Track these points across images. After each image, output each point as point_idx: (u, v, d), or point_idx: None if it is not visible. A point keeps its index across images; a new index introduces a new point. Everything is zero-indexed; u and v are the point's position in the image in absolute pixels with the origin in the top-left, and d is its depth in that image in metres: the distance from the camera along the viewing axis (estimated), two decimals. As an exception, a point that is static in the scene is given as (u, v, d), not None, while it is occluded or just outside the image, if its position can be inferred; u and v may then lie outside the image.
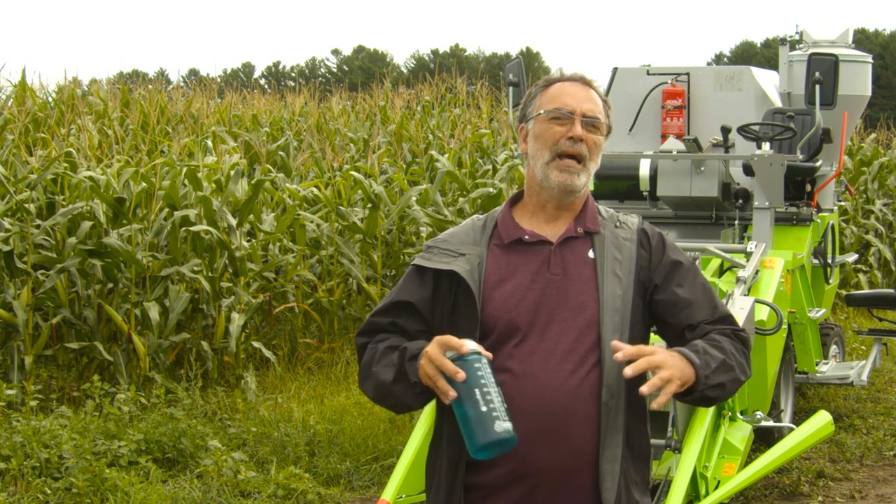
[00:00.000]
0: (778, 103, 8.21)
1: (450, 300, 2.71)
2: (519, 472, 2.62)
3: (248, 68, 54.96)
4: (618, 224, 2.79)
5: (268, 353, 8.28)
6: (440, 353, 2.51)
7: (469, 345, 2.49)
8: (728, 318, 2.78)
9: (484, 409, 2.42)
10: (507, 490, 2.63)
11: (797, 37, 8.64)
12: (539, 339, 2.64)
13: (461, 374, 2.46)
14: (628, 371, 2.50)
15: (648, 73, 8.15)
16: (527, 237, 2.74)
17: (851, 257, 10.22)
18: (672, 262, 2.77)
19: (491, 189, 10.43)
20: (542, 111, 2.74)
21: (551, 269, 2.70)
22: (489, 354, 2.53)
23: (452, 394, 2.47)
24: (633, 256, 2.74)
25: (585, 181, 2.73)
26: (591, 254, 2.72)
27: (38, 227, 7.96)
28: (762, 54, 47.91)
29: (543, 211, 2.77)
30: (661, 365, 2.52)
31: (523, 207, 2.81)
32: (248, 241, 8.94)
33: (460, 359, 2.48)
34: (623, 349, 2.52)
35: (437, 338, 2.54)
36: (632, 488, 2.68)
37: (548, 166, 2.71)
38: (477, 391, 2.45)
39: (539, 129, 2.74)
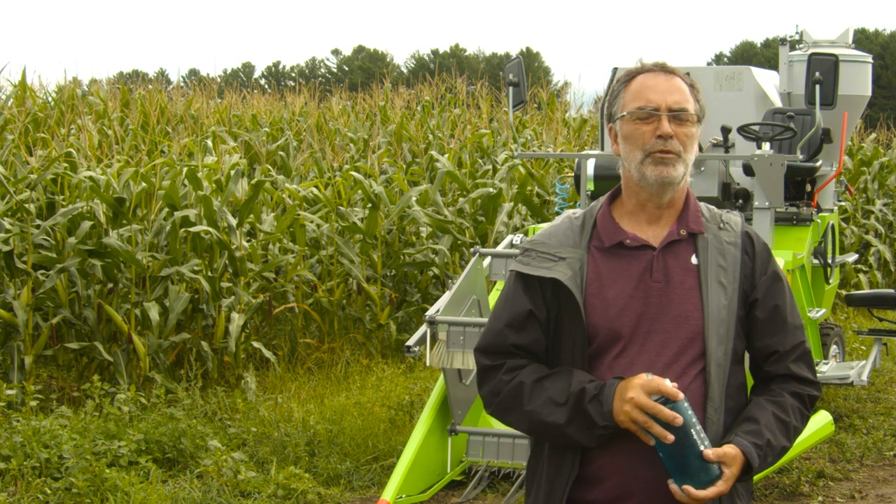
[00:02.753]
0: (778, 103, 8.22)
1: (554, 308, 2.63)
2: (623, 488, 2.58)
3: (248, 68, 55.01)
4: (721, 225, 2.68)
5: (268, 354, 8.28)
6: (646, 397, 2.47)
7: (677, 390, 2.49)
8: (805, 354, 2.70)
9: (701, 447, 2.48)
10: None
11: (797, 37, 8.65)
12: (640, 349, 2.57)
13: (680, 419, 2.46)
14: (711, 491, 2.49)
15: (648, 73, 8.14)
16: (629, 241, 2.63)
17: (851, 257, 10.22)
18: (774, 276, 2.69)
19: (491, 189, 10.43)
20: (625, 112, 2.62)
21: (653, 277, 2.60)
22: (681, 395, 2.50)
23: (671, 438, 2.46)
24: (737, 263, 2.64)
25: (684, 172, 2.62)
26: (694, 259, 2.63)
27: (38, 227, 7.96)
28: (762, 54, 47.91)
29: (644, 210, 2.65)
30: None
31: (622, 206, 2.69)
32: (248, 241, 8.93)
33: (669, 403, 2.47)
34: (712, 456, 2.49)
35: (638, 382, 2.48)
36: (736, 499, 2.63)
37: (642, 164, 2.60)
38: (693, 432, 2.48)
39: (627, 131, 2.62)
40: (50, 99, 14.27)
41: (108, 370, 7.80)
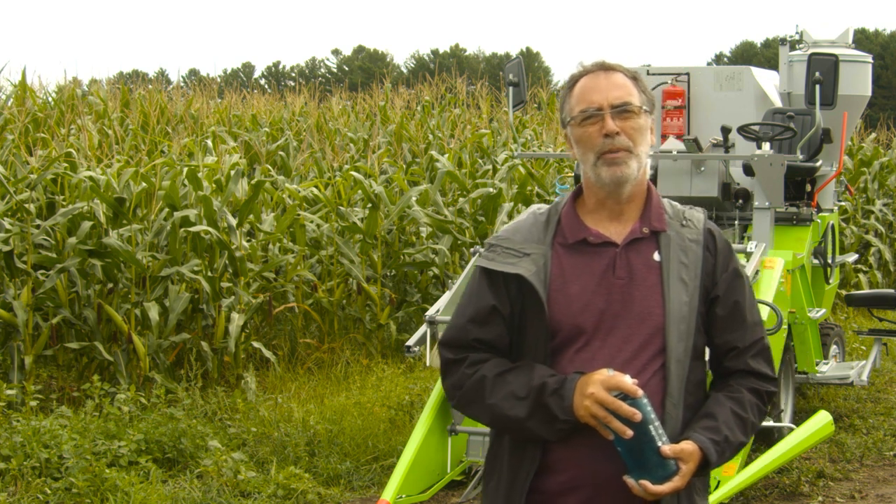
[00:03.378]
0: (778, 103, 8.21)
1: (518, 303, 2.66)
2: (579, 480, 2.60)
3: (248, 68, 55.02)
4: (684, 222, 2.72)
5: (268, 354, 8.28)
6: (606, 393, 2.50)
7: (636, 387, 2.52)
8: (764, 350, 2.74)
9: (659, 444, 2.51)
10: (567, 496, 2.62)
11: (797, 37, 8.65)
12: (601, 345, 2.60)
13: (638, 416, 2.49)
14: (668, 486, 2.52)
15: (648, 73, 8.14)
16: (592, 238, 2.67)
17: (851, 257, 10.22)
18: (735, 273, 2.72)
19: (491, 189, 10.42)
20: (571, 118, 2.67)
21: (616, 274, 2.63)
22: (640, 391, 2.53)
23: (630, 433, 2.48)
24: (698, 260, 2.67)
25: (637, 167, 2.66)
26: (656, 256, 2.66)
27: (38, 227, 7.96)
28: (762, 54, 47.91)
29: (604, 207, 2.69)
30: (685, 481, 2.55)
31: (584, 203, 2.73)
32: (248, 241, 8.93)
33: (629, 400, 2.49)
34: (669, 453, 2.52)
35: (598, 378, 2.51)
36: (694, 494, 2.65)
37: (595, 166, 2.64)
38: (651, 428, 2.50)
39: (577, 135, 2.67)
40: (50, 99, 14.26)
41: (108, 370, 7.79)
